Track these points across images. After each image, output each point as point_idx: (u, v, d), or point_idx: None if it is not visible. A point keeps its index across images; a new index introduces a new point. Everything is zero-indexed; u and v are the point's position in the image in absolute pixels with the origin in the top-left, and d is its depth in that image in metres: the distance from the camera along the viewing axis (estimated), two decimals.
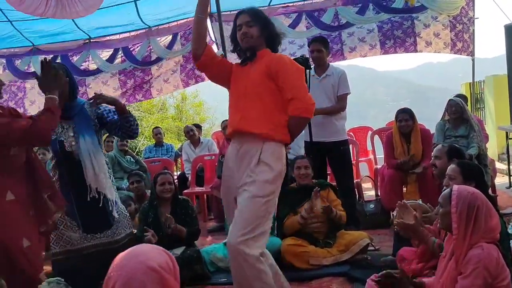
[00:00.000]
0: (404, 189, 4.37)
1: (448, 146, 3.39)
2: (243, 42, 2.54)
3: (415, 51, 6.52)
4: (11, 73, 7.11)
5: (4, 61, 7.11)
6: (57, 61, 7.09)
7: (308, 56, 4.25)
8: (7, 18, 6.28)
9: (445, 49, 6.49)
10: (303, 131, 4.87)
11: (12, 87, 7.32)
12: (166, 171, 3.91)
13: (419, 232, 2.58)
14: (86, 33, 6.92)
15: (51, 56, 7.14)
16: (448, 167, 2.70)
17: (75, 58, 7.16)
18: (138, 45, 7.00)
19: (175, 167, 6.87)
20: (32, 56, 7.05)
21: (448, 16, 6.31)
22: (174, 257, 1.58)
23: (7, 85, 7.12)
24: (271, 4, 6.58)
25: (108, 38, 7.08)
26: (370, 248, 3.59)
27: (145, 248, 1.37)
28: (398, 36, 6.44)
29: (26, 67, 7.15)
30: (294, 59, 3.18)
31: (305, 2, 6.58)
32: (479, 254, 1.92)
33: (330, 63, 4.54)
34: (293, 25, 6.59)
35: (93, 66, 7.15)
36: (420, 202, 2.95)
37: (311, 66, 4.20)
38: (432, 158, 3.37)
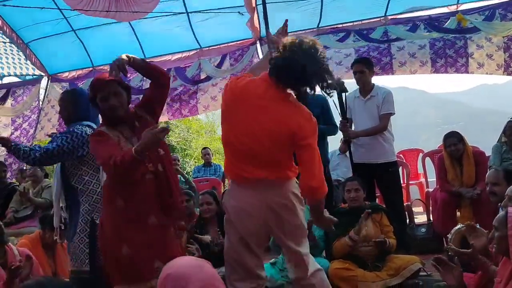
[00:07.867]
0: (458, 213, 4.21)
1: (503, 170, 3.23)
2: None
3: (466, 72, 6.28)
4: None
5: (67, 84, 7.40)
6: None
7: (343, 80, 4.22)
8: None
9: (497, 71, 6.22)
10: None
11: None
12: (206, 191, 4.00)
13: (477, 260, 2.45)
14: (142, 51, 7.12)
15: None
16: (509, 188, 2.60)
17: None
18: (189, 64, 7.16)
19: (222, 187, 6.94)
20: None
21: (503, 37, 6.09)
22: (221, 275, 1.68)
23: None
24: (319, 26, 6.62)
25: (162, 58, 7.23)
26: (422, 273, 3.47)
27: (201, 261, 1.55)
28: (450, 55, 6.22)
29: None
30: (329, 83, 2.45)
31: (355, 23, 6.52)
32: None
33: (376, 84, 4.40)
34: (341, 41, 6.45)
35: (146, 85, 7.26)
36: (478, 226, 2.82)
37: (347, 89, 4.15)
38: (489, 184, 3.21)
